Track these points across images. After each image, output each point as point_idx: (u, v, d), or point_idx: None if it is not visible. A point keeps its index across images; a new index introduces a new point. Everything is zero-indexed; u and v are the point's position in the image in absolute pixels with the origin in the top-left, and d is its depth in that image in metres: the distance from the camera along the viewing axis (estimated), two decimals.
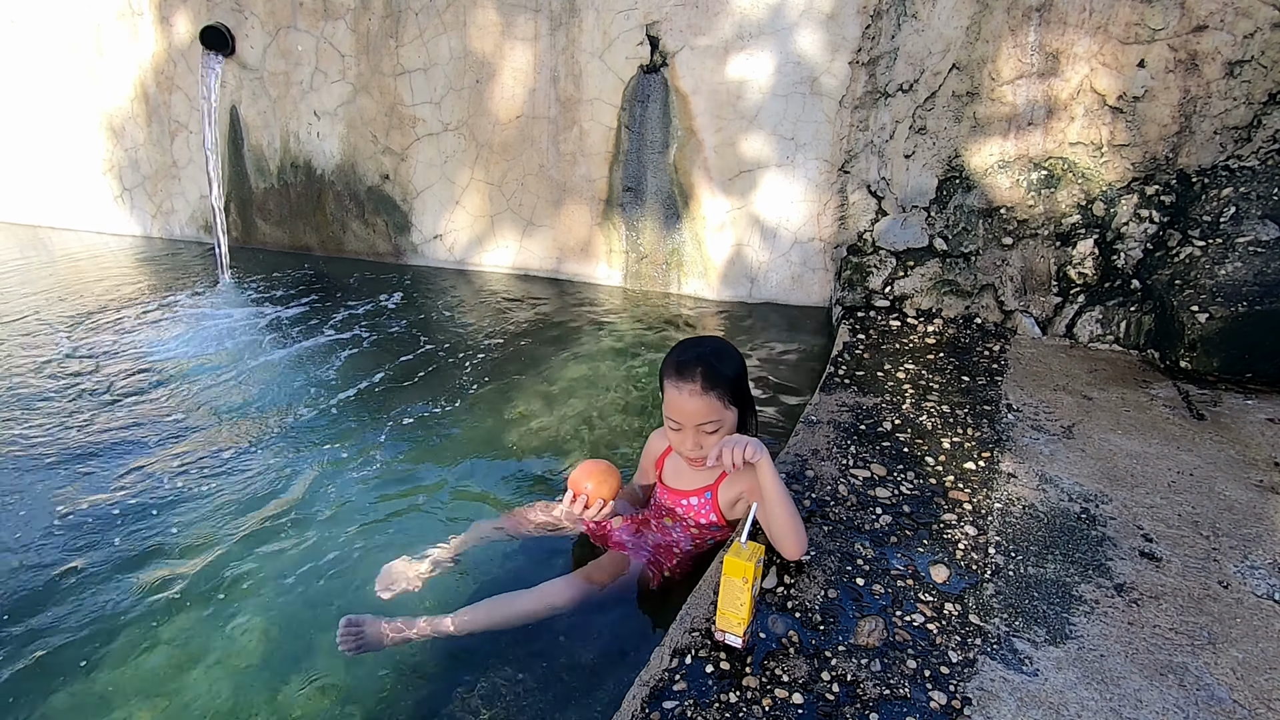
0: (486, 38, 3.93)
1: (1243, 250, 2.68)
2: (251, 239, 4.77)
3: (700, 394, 1.60)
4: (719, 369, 1.63)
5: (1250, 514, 1.84)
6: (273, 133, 4.50)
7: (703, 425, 1.62)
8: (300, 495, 2.20)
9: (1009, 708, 1.27)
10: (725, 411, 1.63)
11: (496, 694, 1.50)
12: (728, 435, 1.64)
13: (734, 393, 1.65)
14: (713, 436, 1.63)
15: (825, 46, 3.43)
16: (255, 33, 4.32)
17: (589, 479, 1.71)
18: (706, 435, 1.63)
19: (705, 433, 1.63)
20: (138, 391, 2.83)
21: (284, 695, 1.54)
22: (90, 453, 2.41)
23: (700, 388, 1.60)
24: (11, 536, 2.00)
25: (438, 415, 2.69)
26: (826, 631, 1.44)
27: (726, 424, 1.64)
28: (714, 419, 1.62)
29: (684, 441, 1.65)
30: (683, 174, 3.80)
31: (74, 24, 4.68)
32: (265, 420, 2.64)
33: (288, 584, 1.84)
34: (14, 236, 5.06)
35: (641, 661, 1.39)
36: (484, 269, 4.36)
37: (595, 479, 1.71)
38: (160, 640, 1.68)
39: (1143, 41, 2.93)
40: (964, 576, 1.60)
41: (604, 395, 2.86)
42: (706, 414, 1.61)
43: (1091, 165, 3.06)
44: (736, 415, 1.67)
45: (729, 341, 1.79)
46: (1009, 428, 2.26)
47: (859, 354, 2.83)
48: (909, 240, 3.35)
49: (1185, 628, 1.46)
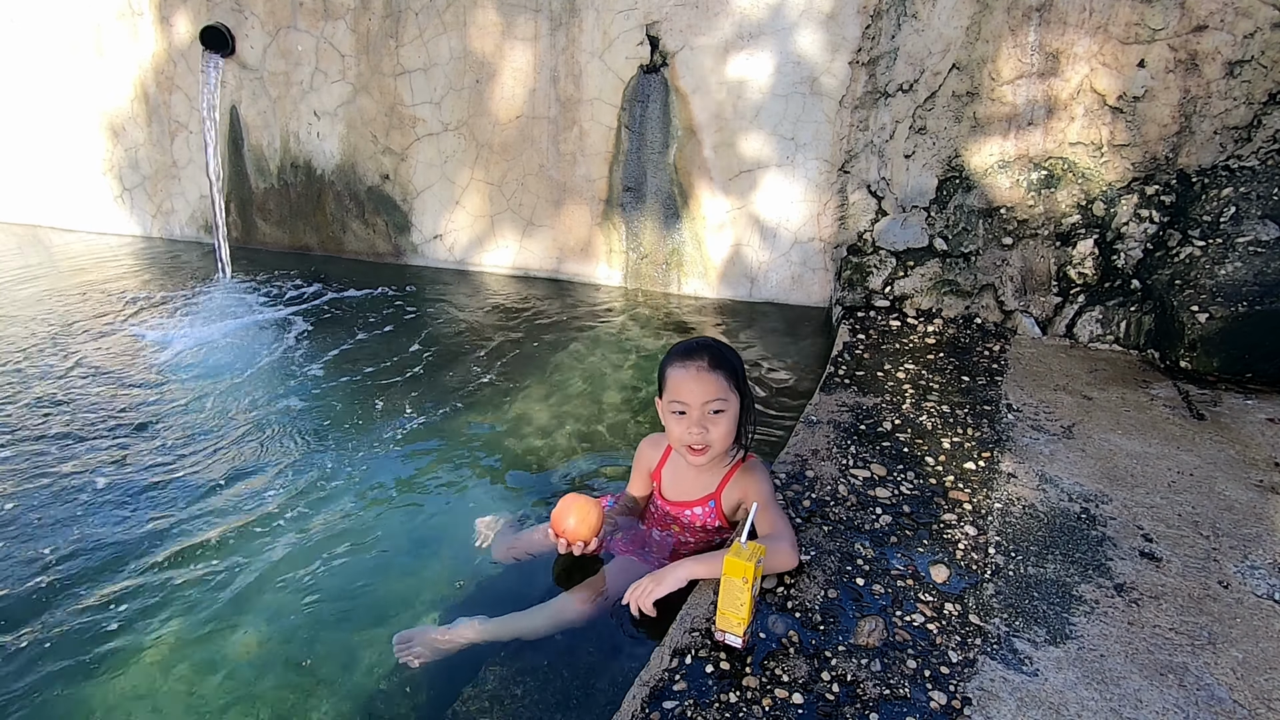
0: (486, 38, 3.93)
1: (1243, 250, 2.68)
2: (251, 239, 4.77)
3: (708, 370, 1.61)
4: (723, 353, 1.66)
5: (1250, 514, 1.84)
6: (273, 133, 4.50)
7: (709, 403, 1.61)
8: (300, 496, 2.20)
9: (1009, 708, 1.27)
10: (731, 394, 1.63)
11: (496, 694, 1.50)
12: (731, 426, 1.64)
13: (737, 380, 1.66)
14: (719, 420, 1.62)
15: (825, 46, 3.43)
16: (255, 33, 4.32)
17: (570, 516, 1.69)
18: (712, 418, 1.62)
19: (711, 414, 1.62)
20: (137, 392, 2.83)
21: (282, 698, 1.54)
22: (90, 453, 2.40)
23: (708, 365, 1.61)
24: (12, 536, 1.99)
25: (438, 415, 2.69)
26: (826, 631, 1.44)
27: (731, 409, 1.63)
28: (721, 398, 1.61)
29: (689, 428, 1.64)
30: (683, 174, 3.80)
31: (74, 24, 4.68)
32: (264, 421, 2.64)
33: (287, 584, 1.84)
34: (14, 236, 5.06)
35: (641, 661, 1.40)
36: (484, 269, 4.36)
37: (576, 515, 1.69)
38: (160, 641, 1.68)
39: (1143, 41, 2.93)
40: (964, 576, 1.60)
41: (604, 395, 2.86)
42: (715, 391, 1.60)
43: (1091, 165, 3.06)
44: (739, 404, 1.66)
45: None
46: (1009, 428, 2.26)
47: (859, 354, 2.83)
48: (909, 240, 3.35)
49: (1185, 628, 1.46)
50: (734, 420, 1.65)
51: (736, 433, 1.68)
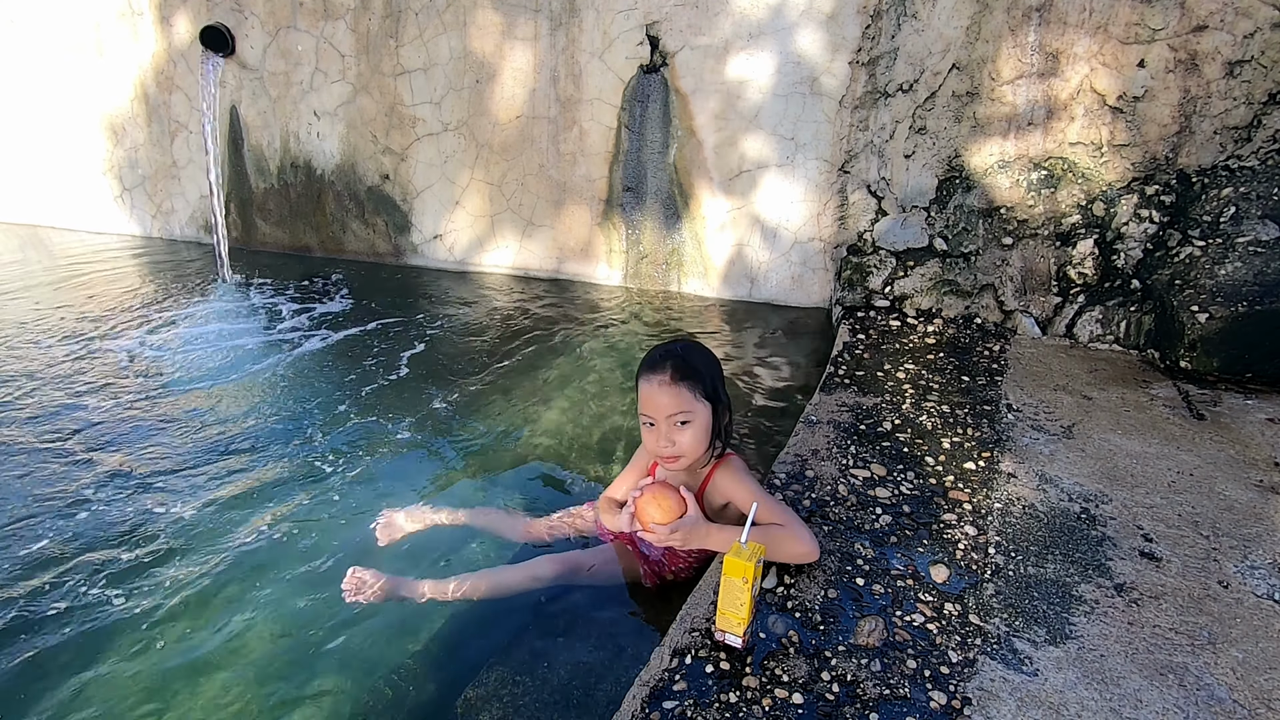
0: (486, 38, 3.93)
1: (1243, 250, 2.68)
2: (251, 239, 4.77)
3: (670, 384, 1.61)
4: (689, 362, 1.65)
5: (1250, 514, 1.84)
6: (273, 133, 4.50)
7: (674, 417, 1.61)
8: (300, 496, 2.20)
9: (1009, 708, 1.27)
10: (696, 404, 1.62)
11: (496, 694, 1.50)
12: (701, 433, 1.63)
13: (705, 388, 1.65)
14: (685, 431, 1.62)
15: (825, 46, 3.43)
16: (255, 33, 4.32)
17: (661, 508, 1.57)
18: (678, 429, 1.63)
19: (677, 425, 1.62)
20: (137, 392, 2.83)
21: (280, 695, 1.54)
22: (91, 453, 2.40)
23: (670, 378, 1.61)
24: (12, 537, 1.99)
25: (438, 416, 2.69)
26: (826, 631, 1.44)
27: (699, 419, 1.63)
28: (684, 409, 1.61)
29: (657, 439, 1.65)
30: (683, 174, 3.80)
31: (74, 24, 4.68)
32: (262, 421, 2.64)
33: (286, 584, 1.84)
34: (14, 236, 5.06)
35: (641, 661, 1.40)
36: (484, 269, 4.36)
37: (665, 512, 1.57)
38: (160, 641, 1.68)
39: (1143, 41, 2.93)
40: (964, 576, 1.60)
41: (604, 395, 2.86)
42: (678, 404, 1.61)
43: (1091, 165, 3.06)
44: (709, 411, 1.66)
45: (702, 344, 1.78)
46: (1009, 428, 2.26)
47: (859, 354, 2.83)
48: (909, 240, 3.35)
49: (1185, 628, 1.46)
50: (704, 428, 1.64)
51: (711, 438, 1.66)
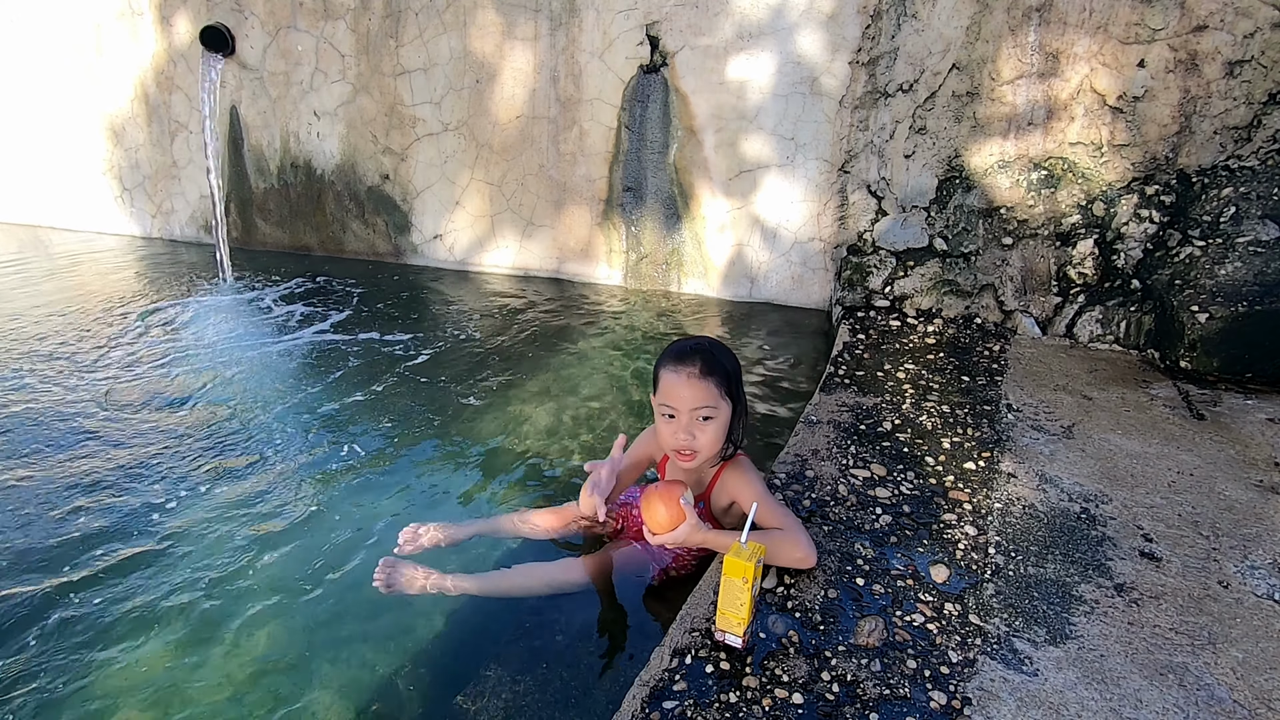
0: (486, 38, 3.93)
1: (1243, 250, 2.68)
2: (251, 239, 4.77)
3: (699, 377, 1.60)
4: (717, 358, 1.64)
5: (1250, 514, 1.84)
6: (273, 133, 4.50)
7: (698, 410, 1.61)
8: (300, 496, 2.20)
9: (1009, 708, 1.27)
10: (721, 401, 1.62)
11: (496, 694, 1.50)
12: (721, 431, 1.63)
13: (729, 385, 1.65)
14: (707, 427, 1.61)
15: (825, 46, 3.43)
16: (255, 33, 4.32)
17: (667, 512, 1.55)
18: (700, 424, 1.62)
19: (699, 420, 1.62)
20: (136, 393, 2.83)
21: (281, 696, 1.54)
22: (89, 453, 2.40)
23: (699, 371, 1.60)
24: (12, 537, 1.99)
25: (438, 416, 2.69)
26: (826, 631, 1.44)
27: (721, 416, 1.62)
28: (709, 404, 1.61)
29: (676, 432, 1.63)
30: (683, 174, 3.80)
31: (74, 24, 4.68)
32: (261, 422, 2.64)
33: (285, 583, 1.84)
34: (14, 236, 5.06)
35: (641, 661, 1.39)
36: (484, 269, 4.36)
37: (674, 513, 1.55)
38: (159, 640, 1.68)
39: (1143, 41, 2.93)
40: (964, 576, 1.60)
41: (604, 395, 2.86)
42: (703, 398, 1.60)
43: (1091, 165, 3.06)
44: (730, 411, 1.65)
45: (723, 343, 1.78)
46: (1009, 428, 2.26)
47: (859, 354, 2.83)
48: (909, 240, 3.35)
49: (1185, 628, 1.46)
50: (723, 426, 1.63)
51: (726, 437, 1.66)
